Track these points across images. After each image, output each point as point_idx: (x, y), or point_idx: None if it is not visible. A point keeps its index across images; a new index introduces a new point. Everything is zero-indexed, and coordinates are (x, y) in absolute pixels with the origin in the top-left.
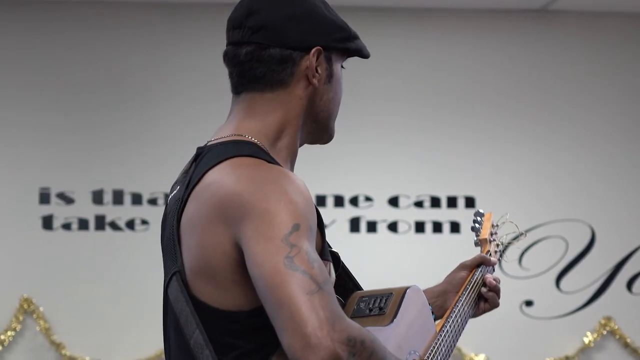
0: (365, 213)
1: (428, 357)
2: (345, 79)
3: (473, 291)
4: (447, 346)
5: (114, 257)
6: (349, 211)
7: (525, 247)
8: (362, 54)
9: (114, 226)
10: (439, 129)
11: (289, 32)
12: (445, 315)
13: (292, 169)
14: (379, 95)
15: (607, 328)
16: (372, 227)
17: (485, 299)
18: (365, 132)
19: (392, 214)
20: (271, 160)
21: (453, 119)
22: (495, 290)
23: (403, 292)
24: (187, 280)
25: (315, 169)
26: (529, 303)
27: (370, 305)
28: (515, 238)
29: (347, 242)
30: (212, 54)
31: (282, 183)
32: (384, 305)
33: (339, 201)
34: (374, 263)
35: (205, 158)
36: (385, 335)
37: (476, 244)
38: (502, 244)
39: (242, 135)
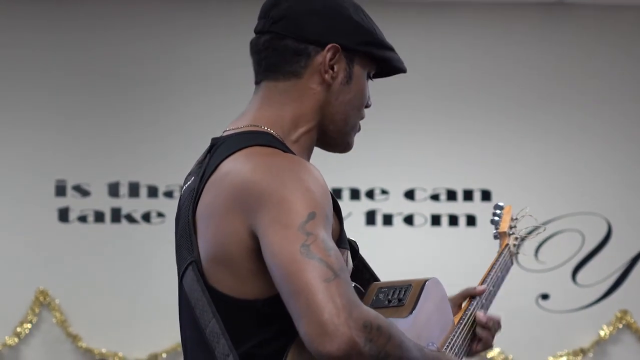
0: (381, 206)
1: (446, 349)
2: None
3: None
4: (463, 339)
5: (130, 249)
6: (365, 204)
7: (541, 240)
8: (392, 64)
9: (130, 219)
10: (455, 122)
11: (307, 25)
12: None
13: (308, 159)
14: (394, 88)
15: (623, 321)
16: (388, 220)
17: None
18: (381, 125)
19: (408, 207)
20: (287, 150)
21: (469, 112)
22: (487, 326)
23: (422, 284)
24: (203, 270)
25: (331, 162)
26: (545, 296)
27: (389, 297)
28: (533, 231)
29: (363, 235)
30: (227, 45)
31: (298, 171)
32: (403, 296)
33: (355, 194)
34: (389, 256)
35: (221, 148)
36: (404, 327)
37: (495, 237)
38: (520, 237)
39: (257, 126)
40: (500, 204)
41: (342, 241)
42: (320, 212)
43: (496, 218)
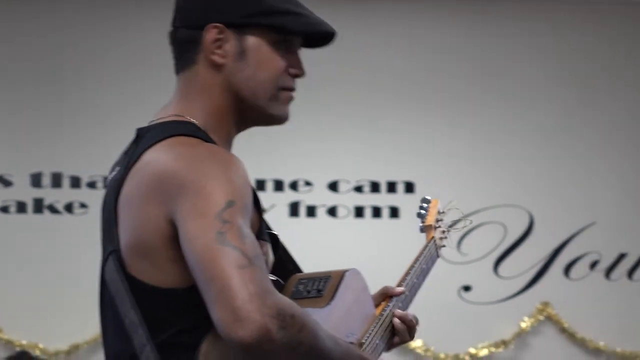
0: (305, 197)
1: (366, 341)
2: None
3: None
4: (382, 332)
5: (52, 240)
6: (288, 195)
7: (463, 232)
8: (285, 29)
9: (53, 209)
10: (378, 114)
11: (190, 11)
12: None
13: (229, 149)
14: (318, 80)
15: (544, 313)
16: (311, 211)
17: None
18: (305, 117)
19: (331, 199)
20: (209, 140)
21: (392, 105)
22: (405, 320)
23: (342, 275)
24: (124, 259)
25: (255, 153)
26: (467, 288)
27: (309, 288)
28: (458, 222)
29: (287, 227)
30: (152, 36)
31: (218, 161)
32: (322, 287)
33: (278, 186)
34: (313, 248)
35: (145, 138)
36: (321, 317)
37: (421, 230)
38: (447, 230)
39: (181, 116)
40: (427, 197)
41: (262, 233)
42: (239, 202)
43: (422, 211)
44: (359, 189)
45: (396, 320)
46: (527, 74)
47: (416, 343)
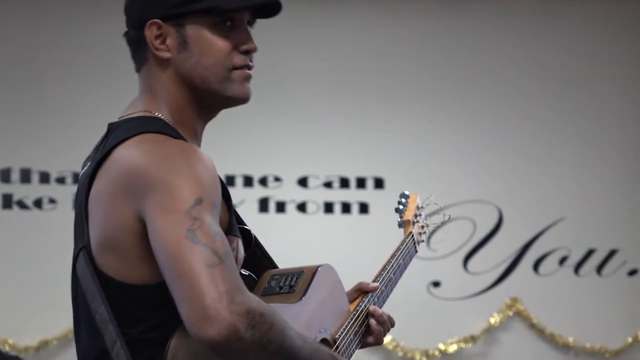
0: (274, 193)
1: (340, 336)
2: (255, 58)
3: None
4: (357, 330)
5: (22, 236)
6: (258, 191)
7: (442, 228)
8: (219, 9)
9: (22, 205)
10: (347, 110)
11: (132, 12)
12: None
13: (198, 143)
14: (288, 75)
15: (513, 309)
16: (281, 207)
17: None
18: (274, 113)
19: (301, 195)
20: (178, 136)
21: (362, 100)
22: (381, 320)
23: (314, 270)
24: (94, 255)
25: (224, 149)
26: (436, 284)
27: (281, 283)
28: (434, 213)
29: (256, 223)
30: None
31: (186, 158)
32: (295, 283)
33: (248, 181)
34: (282, 243)
35: (114, 134)
36: (292, 312)
37: (400, 225)
38: (426, 225)
39: (149, 111)
40: (406, 192)
41: (232, 229)
42: (208, 199)
43: (401, 206)
44: (328, 184)
45: (372, 322)
46: (497, 71)
47: (386, 339)
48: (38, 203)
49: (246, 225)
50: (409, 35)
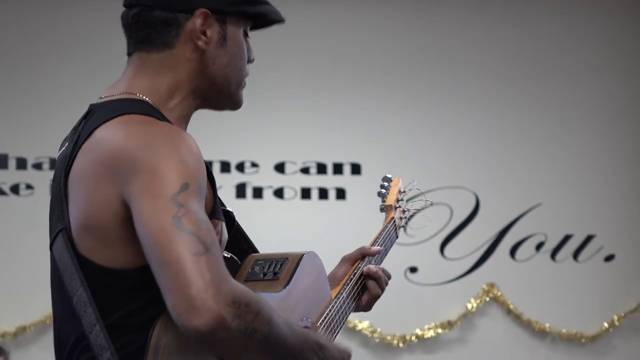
0: (252, 179)
1: (321, 324)
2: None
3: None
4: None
5: None
6: (235, 177)
7: (413, 213)
8: (267, 18)
9: None
10: (324, 96)
11: None
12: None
13: (185, 128)
14: (265, 61)
15: (490, 294)
16: (258, 193)
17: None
18: (251, 98)
19: (278, 180)
20: (162, 119)
21: (338, 86)
22: (375, 277)
23: (299, 258)
24: (74, 238)
25: (201, 134)
26: (413, 269)
27: (265, 270)
28: (414, 198)
29: (233, 208)
30: (101, 13)
31: (173, 141)
32: (279, 270)
33: (225, 167)
34: (259, 229)
35: (96, 115)
36: (277, 301)
37: (382, 210)
38: (407, 210)
39: (133, 94)
40: (389, 175)
41: (216, 212)
42: (194, 184)
43: (383, 190)
44: (305, 170)
45: (370, 283)
46: (473, 55)
47: (363, 324)
48: (15, 189)
49: (228, 208)
50: (383, 22)
